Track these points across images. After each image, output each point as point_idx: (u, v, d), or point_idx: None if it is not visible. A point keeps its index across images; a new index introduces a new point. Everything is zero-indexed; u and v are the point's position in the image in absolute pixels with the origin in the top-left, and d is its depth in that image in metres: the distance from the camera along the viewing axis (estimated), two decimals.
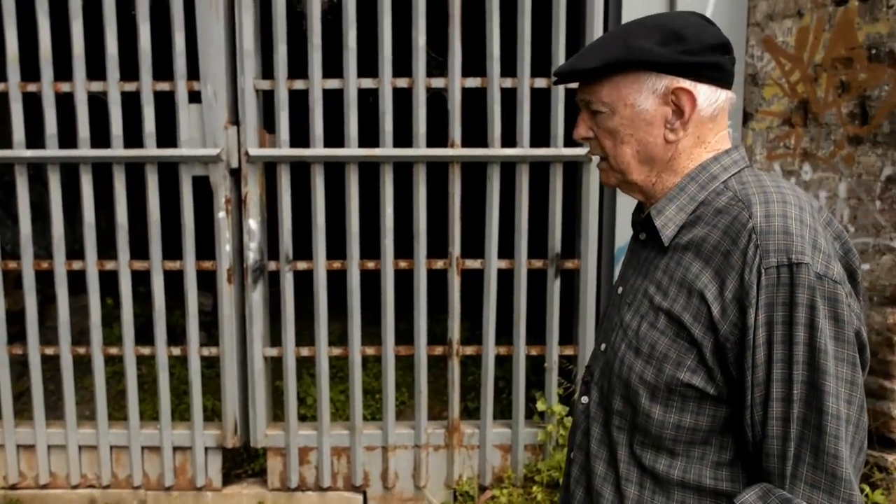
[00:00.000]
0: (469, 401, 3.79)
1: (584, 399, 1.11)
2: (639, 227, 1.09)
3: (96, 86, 2.73)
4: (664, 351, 0.95)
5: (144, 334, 3.12)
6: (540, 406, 2.81)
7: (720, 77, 0.98)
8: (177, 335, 4.22)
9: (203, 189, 2.81)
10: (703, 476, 0.96)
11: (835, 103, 2.39)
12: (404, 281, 2.87)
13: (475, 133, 2.94)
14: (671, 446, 0.97)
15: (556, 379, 2.82)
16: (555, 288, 2.77)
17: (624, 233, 2.72)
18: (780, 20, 2.58)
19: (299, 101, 2.83)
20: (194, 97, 2.73)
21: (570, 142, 2.77)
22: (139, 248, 3.04)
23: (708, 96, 0.98)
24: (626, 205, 2.69)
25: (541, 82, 2.71)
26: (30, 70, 2.77)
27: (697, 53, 0.96)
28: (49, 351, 2.88)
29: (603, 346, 1.09)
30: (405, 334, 2.95)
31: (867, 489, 2.26)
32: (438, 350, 2.83)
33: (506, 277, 2.81)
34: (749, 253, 0.89)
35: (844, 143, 2.36)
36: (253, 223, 2.76)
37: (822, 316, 0.86)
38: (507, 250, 2.79)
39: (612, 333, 1.07)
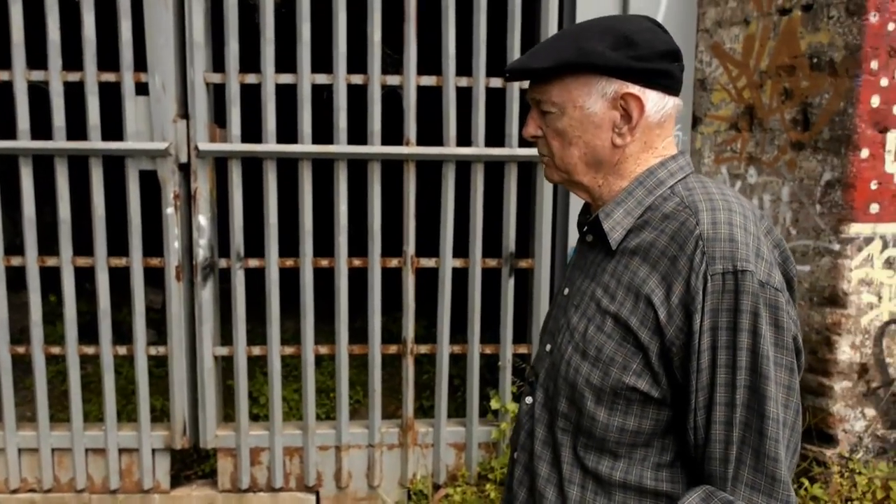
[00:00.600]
0: (424, 399, 3.79)
1: (529, 400, 1.12)
2: (586, 229, 1.09)
3: (37, 75, 2.63)
4: (610, 354, 0.97)
5: (92, 332, 3.03)
6: (494, 404, 2.83)
7: (669, 84, 1.00)
8: (125, 333, 4.10)
9: (151, 184, 2.74)
10: (644, 477, 0.98)
11: (779, 109, 2.46)
12: (360, 279, 2.85)
13: (430, 132, 2.93)
14: (614, 448, 0.99)
15: (509, 377, 2.84)
16: (509, 287, 2.79)
17: (577, 233, 2.75)
18: (728, 27, 2.64)
19: (251, 96, 2.78)
20: (142, 89, 2.65)
21: (524, 142, 2.78)
22: (84, 245, 2.94)
23: (656, 103, 0.99)
24: (578, 205, 2.73)
25: (496, 82, 2.72)
26: None
27: (648, 60, 0.97)
28: None
29: (548, 348, 1.10)
30: (361, 332, 2.93)
31: (807, 483, 2.34)
32: (393, 349, 2.82)
33: (461, 276, 2.81)
34: (696, 259, 0.91)
35: (787, 148, 2.44)
36: (203, 219, 2.70)
37: (764, 322, 0.89)
38: (461, 249, 2.79)
39: (558, 335, 1.07)
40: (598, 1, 2.68)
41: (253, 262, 2.75)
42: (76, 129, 2.68)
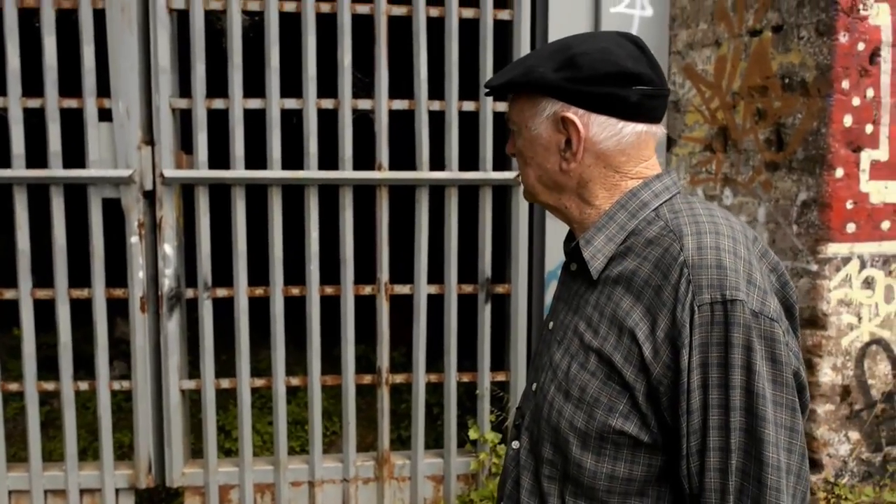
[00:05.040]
0: (403, 429, 3.69)
1: (515, 444, 1.03)
2: (569, 258, 1.03)
3: None
4: (595, 395, 0.89)
5: (55, 365, 2.90)
6: (472, 434, 2.75)
7: (621, 109, 0.92)
8: (93, 367, 3.97)
9: (114, 212, 2.65)
10: None
11: (752, 130, 2.45)
12: (333, 307, 2.77)
13: (403, 156, 2.89)
14: (605, 498, 0.90)
15: (488, 406, 2.76)
16: (485, 313, 2.73)
17: (554, 257, 2.71)
18: (700, 49, 2.64)
19: (219, 122, 2.71)
20: (105, 115, 2.57)
21: (499, 165, 2.74)
22: (45, 276, 2.83)
23: (605, 128, 0.93)
24: (555, 228, 2.69)
25: (469, 105, 2.68)
26: None
27: (585, 83, 0.91)
28: None
29: (534, 387, 1.02)
30: (335, 361, 2.85)
31: None
32: (367, 379, 2.74)
33: (436, 303, 2.75)
34: (681, 288, 0.84)
35: (762, 168, 2.42)
36: (168, 248, 2.62)
37: (759, 357, 0.81)
38: (437, 275, 2.73)
39: (542, 373, 1.00)
40: (570, 23, 2.67)
41: (221, 292, 2.66)
42: (36, 156, 2.59)
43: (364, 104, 2.66)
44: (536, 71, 0.93)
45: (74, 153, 2.61)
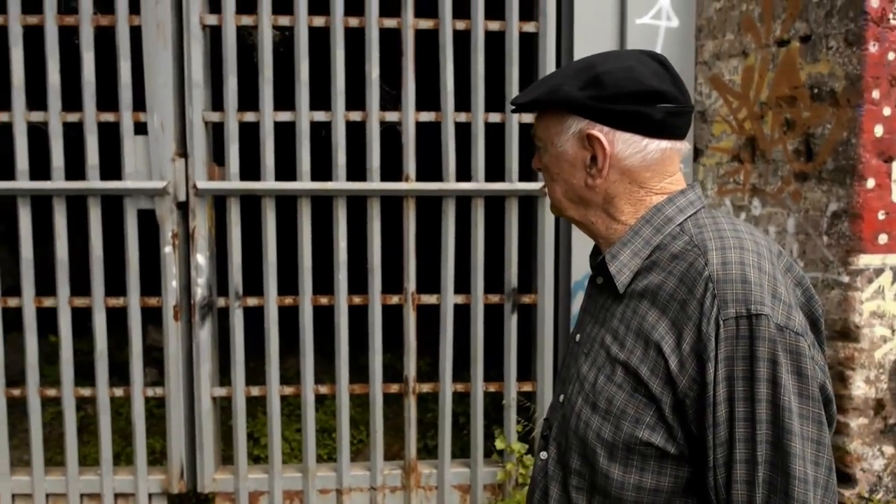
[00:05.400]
0: (429, 438, 3.71)
1: (543, 455, 1.05)
2: (595, 272, 1.05)
3: (37, 116, 2.64)
4: (622, 406, 0.91)
5: (91, 372, 2.97)
6: (499, 444, 2.76)
7: (646, 127, 0.95)
8: (127, 374, 4.05)
9: (149, 223, 2.72)
10: None
11: (780, 140, 2.43)
12: (360, 317, 2.80)
13: (430, 167, 2.92)
14: None
15: (514, 416, 2.77)
16: (512, 323, 2.74)
17: (580, 268, 2.71)
18: (727, 59, 2.63)
19: (250, 134, 2.77)
20: (140, 128, 2.65)
21: (524, 176, 2.76)
22: (82, 285, 2.91)
23: (630, 145, 0.95)
24: (581, 239, 2.69)
25: (495, 117, 2.71)
26: None
27: (610, 101, 0.93)
28: None
29: (561, 398, 1.04)
30: (363, 370, 2.88)
31: None
32: (394, 388, 2.76)
33: (463, 312, 2.76)
34: (706, 303, 0.85)
35: (791, 179, 2.41)
36: (201, 258, 2.68)
37: (784, 371, 0.82)
38: (463, 285, 2.75)
39: (569, 385, 1.02)
40: (596, 35, 2.68)
41: (252, 301, 2.71)
42: (75, 169, 2.67)
43: (391, 116, 2.69)
44: (562, 89, 0.96)
45: (111, 165, 2.69)
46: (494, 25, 2.69)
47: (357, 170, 2.73)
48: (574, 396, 0.99)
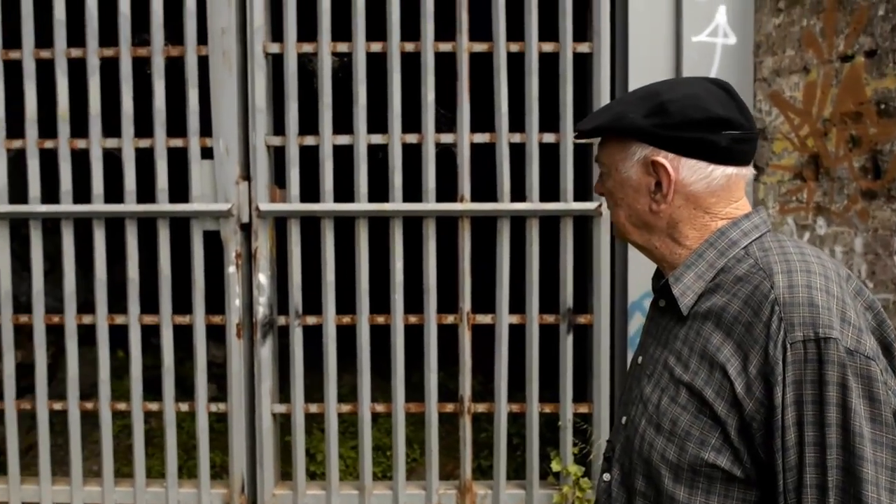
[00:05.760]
0: (483, 458, 3.70)
1: (606, 476, 1.06)
2: (658, 294, 1.06)
3: (111, 142, 2.78)
4: (686, 428, 0.91)
5: (155, 386, 3.09)
6: (555, 466, 2.74)
7: (711, 153, 0.96)
8: (187, 387, 4.19)
9: (214, 244, 2.82)
10: None
11: (846, 157, 2.37)
12: (415, 335, 2.84)
13: (485, 187, 2.95)
14: None
15: (570, 438, 2.75)
16: (567, 344, 2.73)
17: (637, 287, 2.68)
18: (787, 76, 2.58)
19: (310, 157, 2.86)
20: (207, 153, 2.76)
21: (579, 196, 2.76)
22: (150, 302, 3.04)
23: (695, 171, 0.96)
24: (637, 259, 2.66)
25: (549, 137, 2.72)
26: (48, 127, 2.82)
27: (675, 128, 0.95)
28: (57, 406, 2.86)
29: (623, 420, 1.05)
30: (417, 388, 2.91)
31: None
32: (450, 407, 2.78)
33: (518, 332, 2.77)
34: (773, 326, 0.86)
35: (858, 197, 2.34)
36: (263, 278, 2.76)
37: (855, 396, 0.82)
38: (518, 305, 2.76)
39: (631, 407, 1.03)
40: (651, 54, 2.67)
41: (311, 320, 2.77)
42: (144, 192, 2.80)
43: (447, 138, 2.74)
44: (627, 117, 0.98)
45: (178, 189, 2.81)
46: (548, 47, 2.72)
47: (413, 191, 2.78)
48: (637, 418, 1.00)
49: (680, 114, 0.95)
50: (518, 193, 2.73)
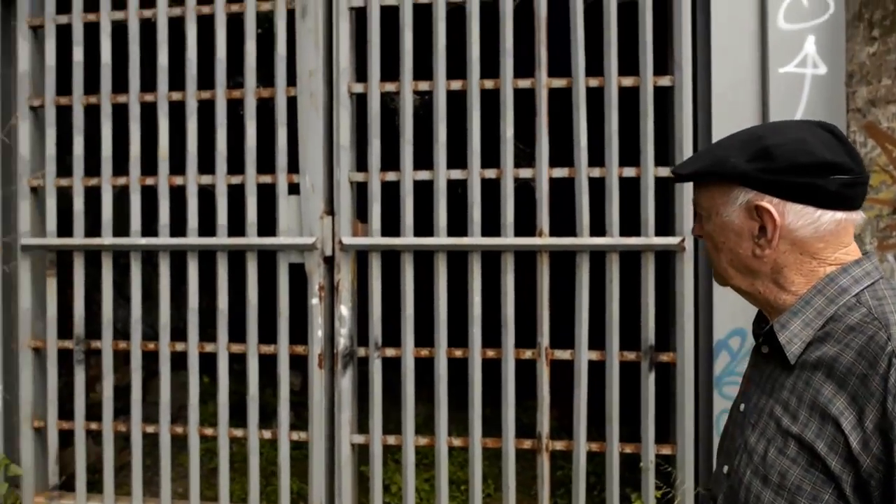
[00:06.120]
0: (559, 496, 3.63)
1: None
2: (760, 340, 1.03)
3: (206, 179, 2.94)
4: (796, 482, 0.88)
5: (234, 411, 3.20)
6: None
7: (819, 198, 0.93)
8: (267, 414, 4.31)
9: (298, 276, 2.92)
10: None
11: None
12: (492, 368, 2.83)
13: (564, 221, 2.94)
14: None
15: (652, 480, 2.66)
16: (649, 382, 2.66)
17: (722, 325, 2.60)
18: (883, 106, 2.48)
19: (391, 192, 2.93)
20: (293, 189, 2.88)
21: (661, 230, 2.71)
22: (236, 330, 3.16)
23: (802, 217, 0.94)
24: (723, 295, 2.58)
25: (630, 171, 2.69)
26: (148, 165, 3.02)
27: (781, 173, 0.93)
28: (150, 429, 3.00)
29: (725, 469, 1.02)
30: (492, 422, 2.89)
31: None
32: (527, 443, 2.74)
33: (597, 369, 2.72)
34: (891, 379, 0.83)
35: None
36: (344, 310, 2.83)
37: None
38: (598, 341, 2.72)
39: (735, 456, 1.00)
40: (735, 87, 2.62)
41: (390, 352, 2.82)
42: (234, 226, 2.94)
43: (525, 173, 2.76)
44: (728, 161, 0.97)
45: (265, 223, 2.93)
46: (628, 81, 2.71)
47: (492, 225, 2.80)
48: (742, 468, 0.97)
49: (786, 158, 0.93)
50: (598, 228, 2.70)
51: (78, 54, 3.00)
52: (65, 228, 3.04)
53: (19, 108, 3.04)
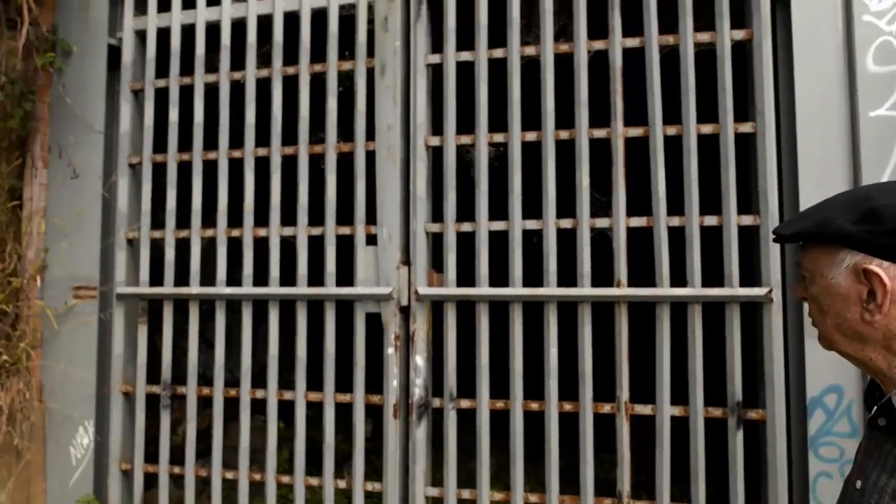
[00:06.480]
0: None
1: None
2: (877, 412, 0.98)
3: (288, 230, 3.05)
4: None
5: (309, 458, 3.22)
6: None
7: None
8: (337, 460, 4.32)
9: (374, 325, 2.96)
10: None
11: None
12: (569, 421, 2.76)
13: (643, 271, 2.87)
14: None
15: None
16: (737, 440, 2.53)
17: (816, 382, 2.45)
18: None
19: (466, 242, 2.95)
20: (371, 240, 2.94)
21: (746, 281, 2.61)
22: (312, 377, 3.21)
23: None
24: (816, 350, 2.44)
25: (711, 220, 2.62)
26: (234, 217, 3.16)
27: (891, 236, 0.89)
28: (229, 475, 3.06)
29: None
30: (568, 476, 2.80)
31: None
32: (607, 502, 2.64)
33: (680, 425, 2.61)
34: None
35: None
36: (420, 360, 2.84)
37: None
38: (680, 396, 2.61)
39: None
40: (822, 137, 2.53)
41: (465, 403, 2.79)
42: (313, 276, 3.02)
43: (602, 222, 2.73)
44: (834, 223, 0.94)
45: (343, 273, 3.00)
46: (707, 128, 2.66)
47: (568, 275, 2.76)
48: None
49: (894, 221, 0.89)
50: (678, 278, 2.63)
51: (174, 115, 3.20)
52: (155, 278, 3.20)
53: (119, 166, 3.26)
